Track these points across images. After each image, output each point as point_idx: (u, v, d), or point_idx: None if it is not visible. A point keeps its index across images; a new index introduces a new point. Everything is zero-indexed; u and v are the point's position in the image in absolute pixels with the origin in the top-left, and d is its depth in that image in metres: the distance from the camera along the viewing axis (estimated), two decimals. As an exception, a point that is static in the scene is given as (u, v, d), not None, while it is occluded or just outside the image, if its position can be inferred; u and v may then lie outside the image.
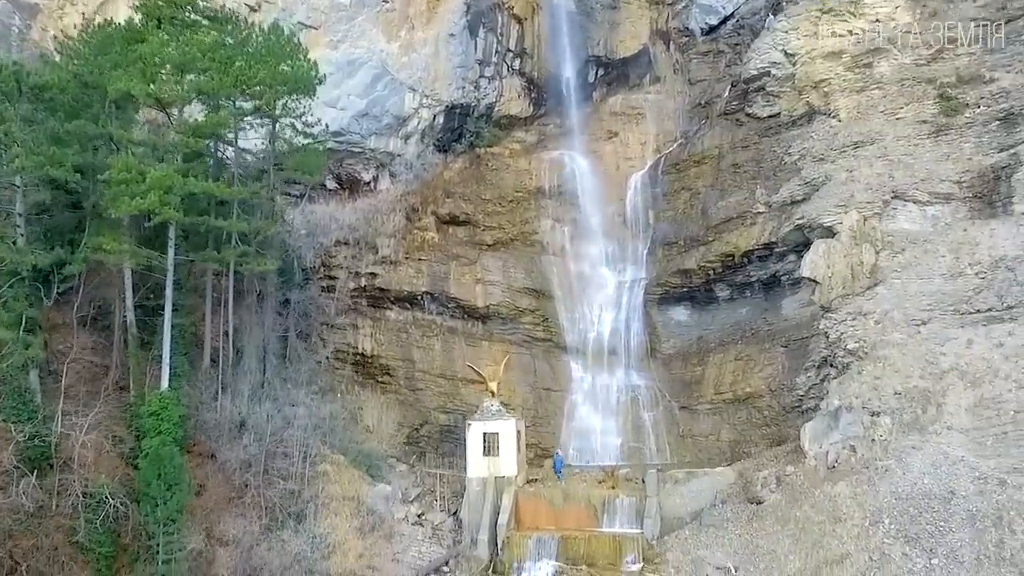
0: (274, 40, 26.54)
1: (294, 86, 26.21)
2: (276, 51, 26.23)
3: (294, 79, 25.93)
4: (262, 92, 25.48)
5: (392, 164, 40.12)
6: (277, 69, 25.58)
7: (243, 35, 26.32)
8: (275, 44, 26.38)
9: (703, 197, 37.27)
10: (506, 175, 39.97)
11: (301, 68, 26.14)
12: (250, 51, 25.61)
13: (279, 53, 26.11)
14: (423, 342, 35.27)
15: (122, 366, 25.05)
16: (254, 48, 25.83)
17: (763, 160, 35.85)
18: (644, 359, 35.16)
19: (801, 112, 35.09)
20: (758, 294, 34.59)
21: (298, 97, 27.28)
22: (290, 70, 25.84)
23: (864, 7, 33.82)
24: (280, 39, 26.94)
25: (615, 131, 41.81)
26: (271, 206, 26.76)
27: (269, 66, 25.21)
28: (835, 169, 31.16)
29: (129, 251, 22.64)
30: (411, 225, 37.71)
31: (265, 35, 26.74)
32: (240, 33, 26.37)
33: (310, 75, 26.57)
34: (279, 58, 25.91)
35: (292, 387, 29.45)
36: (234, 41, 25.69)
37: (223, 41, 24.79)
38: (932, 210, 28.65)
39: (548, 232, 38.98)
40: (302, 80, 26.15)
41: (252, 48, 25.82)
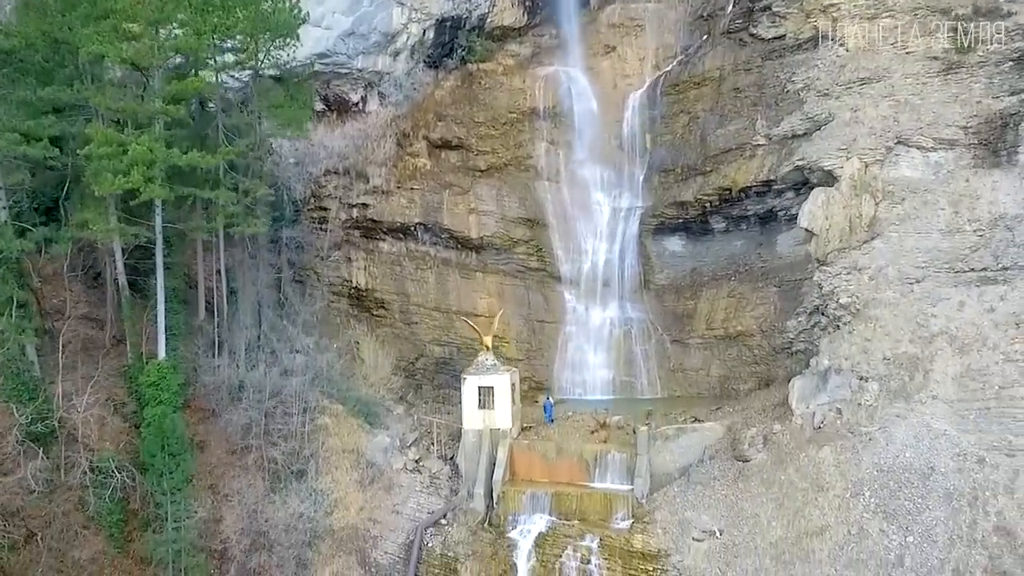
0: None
1: (277, 31, 24.75)
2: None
3: (276, 24, 24.45)
4: (244, 42, 24.10)
5: (381, 83, 38.72)
6: (258, 12, 24.05)
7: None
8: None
9: (702, 122, 36.30)
10: (500, 94, 38.65)
11: (283, 10, 24.58)
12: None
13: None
14: (417, 275, 35.24)
15: (118, 323, 25.05)
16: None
17: (765, 86, 34.70)
18: (638, 291, 35.34)
19: (807, 36, 33.64)
20: (754, 227, 34.41)
21: (282, 41, 25.77)
22: (271, 12, 24.28)
23: (880, -76, 31.66)
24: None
25: (613, 45, 40.08)
26: (259, 164, 25.89)
27: (249, 11, 23.70)
28: (839, 107, 30.21)
29: (116, 228, 22.15)
30: (402, 151, 36.82)
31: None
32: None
33: (293, 18, 25.02)
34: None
35: (289, 336, 29.61)
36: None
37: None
38: (936, 156, 28.05)
39: (543, 156, 38.18)
40: (285, 24, 24.67)
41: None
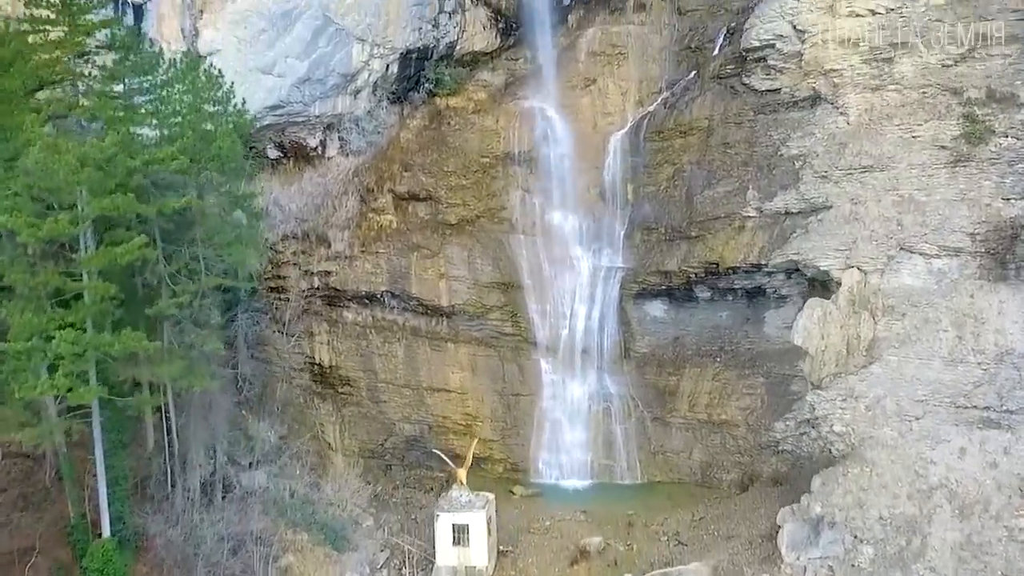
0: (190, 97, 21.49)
1: (221, 165, 21.72)
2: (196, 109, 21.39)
3: (220, 156, 21.40)
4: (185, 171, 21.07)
5: (341, 125, 35.51)
6: (201, 146, 20.98)
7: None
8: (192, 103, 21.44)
9: (688, 177, 33.94)
10: (470, 136, 35.74)
11: (228, 139, 21.45)
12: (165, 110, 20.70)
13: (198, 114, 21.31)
14: (384, 349, 33.17)
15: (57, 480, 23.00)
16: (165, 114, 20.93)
17: (757, 143, 32.39)
18: (618, 361, 33.68)
19: (805, 95, 31.15)
20: (741, 300, 32.75)
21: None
22: (217, 143, 21.18)
23: (891, -20, 28.75)
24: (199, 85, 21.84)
25: (592, 77, 37.02)
26: (208, 315, 23.21)
27: (189, 142, 20.62)
28: (838, 194, 28.16)
29: (47, 429, 19.71)
30: (366, 208, 34.10)
31: (181, 82, 21.60)
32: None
33: (237, 148, 21.91)
34: (198, 119, 21.17)
35: (249, 436, 27.71)
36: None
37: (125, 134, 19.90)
38: (939, 263, 26.34)
39: (517, 206, 35.66)
40: (229, 156, 21.60)
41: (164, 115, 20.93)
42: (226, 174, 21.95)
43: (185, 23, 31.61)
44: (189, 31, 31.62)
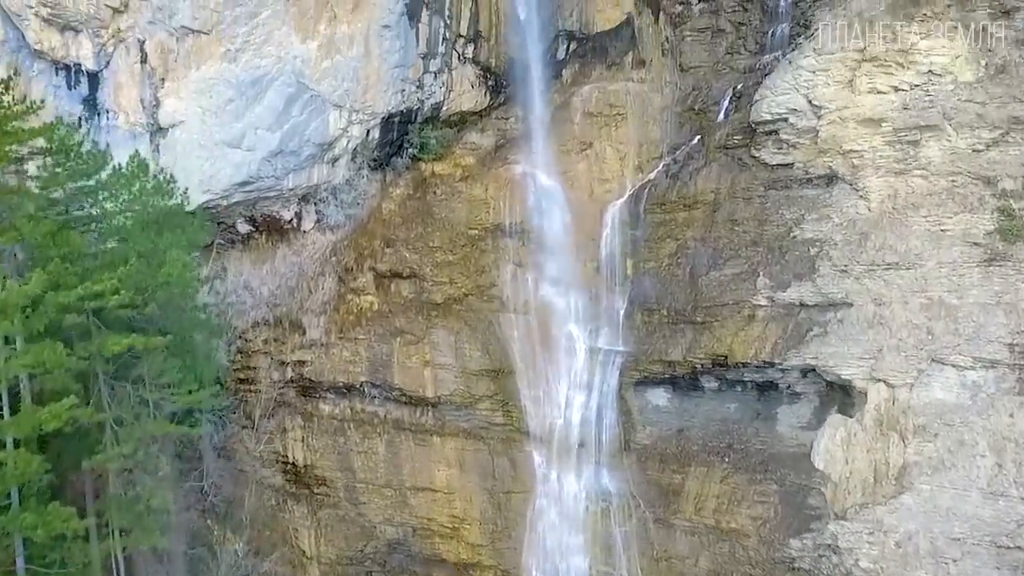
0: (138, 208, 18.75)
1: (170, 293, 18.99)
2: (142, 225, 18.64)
3: (169, 284, 18.66)
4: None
5: (318, 195, 32.82)
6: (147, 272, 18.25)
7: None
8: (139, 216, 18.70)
9: (692, 255, 31.39)
10: (458, 206, 33.09)
11: (178, 263, 18.71)
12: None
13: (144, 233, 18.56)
14: (364, 445, 30.54)
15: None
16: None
17: (767, 222, 29.88)
18: (617, 454, 31.10)
19: (820, 173, 28.62)
20: (750, 392, 30.20)
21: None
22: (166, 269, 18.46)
23: (915, 55, 26.35)
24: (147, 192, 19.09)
25: (589, 141, 34.38)
26: (157, 464, 20.45)
27: (132, 269, 17.89)
28: (860, 292, 25.65)
29: None
30: (344, 289, 31.43)
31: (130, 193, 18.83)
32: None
33: (189, 274, 19.19)
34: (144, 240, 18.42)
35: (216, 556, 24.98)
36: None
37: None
38: (973, 376, 23.89)
39: (509, 282, 33.04)
40: (179, 283, 18.88)
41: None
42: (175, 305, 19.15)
43: (145, 92, 28.97)
44: (149, 101, 28.99)
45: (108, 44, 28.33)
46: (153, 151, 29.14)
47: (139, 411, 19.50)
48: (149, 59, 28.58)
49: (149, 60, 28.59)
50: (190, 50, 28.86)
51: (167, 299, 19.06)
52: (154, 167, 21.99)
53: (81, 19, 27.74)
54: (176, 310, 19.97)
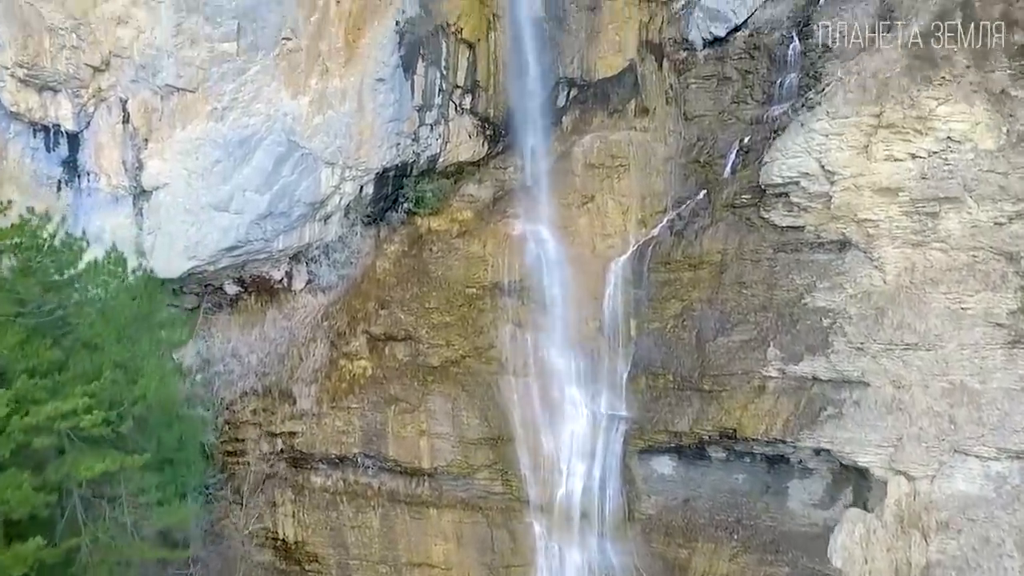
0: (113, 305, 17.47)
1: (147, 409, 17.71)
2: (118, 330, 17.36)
3: (146, 398, 17.39)
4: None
5: (309, 254, 31.50)
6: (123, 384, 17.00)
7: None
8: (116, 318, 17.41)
9: (698, 317, 30.23)
10: (455, 263, 31.94)
11: (156, 375, 17.45)
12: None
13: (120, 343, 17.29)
14: (357, 519, 29.31)
15: None
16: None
17: (777, 287, 28.75)
18: (620, 525, 29.94)
19: (833, 239, 27.46)
20: (759, 464, 29.02)
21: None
22: (144, 381, 17.21)
23: (934, 121, 25.17)
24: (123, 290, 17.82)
25: (590, 194, 33.18)
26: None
27: (106, 382, 16.62)
28: (877, 373, 24.50)
29: None
30: (337, 354, 30.16)
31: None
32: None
33: (171, 388, 17.92)
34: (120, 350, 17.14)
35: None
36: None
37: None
38: (998, 467, 22.81)
39: (508, 343, 31.83)
40: (158, 398, 17.61)
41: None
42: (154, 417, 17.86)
43: (127, 154, 27.71)
44: (132, 163, 27.74)
45: (88, 104, 27.07)
46: (136, 215, 27.92)
47: (116, 533, 18.25)
48: (132, 119, 27.33)
49: (132, 120, 27.33)
50: (175, 109, 27.60)
51: (145, 413, 17.76)
52: (134, 262, 20.56)
53: (60, 79, 26.50)
54: (155, 423, 18.68)
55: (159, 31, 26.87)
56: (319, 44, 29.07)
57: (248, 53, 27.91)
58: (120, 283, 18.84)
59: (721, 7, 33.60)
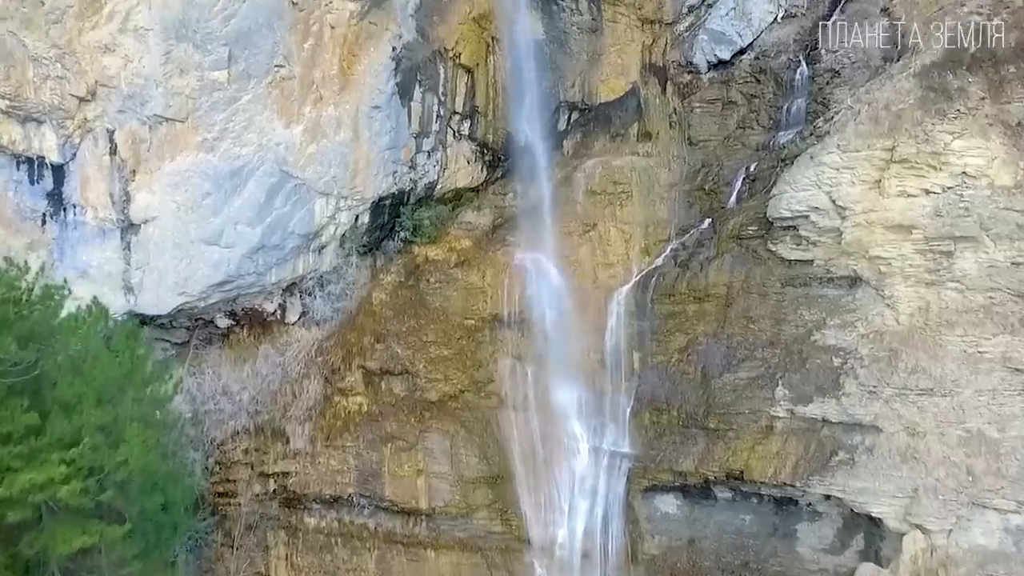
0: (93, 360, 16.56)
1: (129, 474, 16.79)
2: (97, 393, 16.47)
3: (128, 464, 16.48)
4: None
5: (303, 286, 30.60)
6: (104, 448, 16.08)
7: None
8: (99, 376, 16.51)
9: (704, 352, 29.37)
10: (453, 294, 31.08)
11: (139, 439, 16.54)
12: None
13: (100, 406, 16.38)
14: (353, 562, 28.56)
15: None
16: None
17: (785, 322, 27.90)
18: (623, 567, 29.09)
19: (844, 274, 26.57)
20: (767, 505, 28.15)
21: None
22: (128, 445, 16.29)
23: (949, 156, 24.30)
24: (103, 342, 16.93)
25: (592, 221, 32.29)
26: None
27: (86, 448, 15.72)
28: (890, 418, 23.69)
29: None
30: (331, 390, 29.31)
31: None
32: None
33: (152, 460, 16.97)
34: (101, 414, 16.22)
35: None
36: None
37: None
38: (1018, 520, 21.94)
39: (507, 377, 30.96)
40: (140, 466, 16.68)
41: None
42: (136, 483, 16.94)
43: (115, 186, 26.82)
44: (119, 196, 26.84)
45: (74, 135, 26.16)
46: (124, 249, 27.06)
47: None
48: (119, 150, 26.43)
49: (119, 151, 26.43)
50: (164, 140, 26.71)
51: (128, 478, 16.86)
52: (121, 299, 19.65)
53: (44, 110, 25.61)
54: (138, 488, 17.76)
55: (147, 59, 25.91)
56: (313, 71, 28.16)
57: (239, 81, 26.98)
58: (101, 338, 17.87)
59: (726, 29, 32.75)
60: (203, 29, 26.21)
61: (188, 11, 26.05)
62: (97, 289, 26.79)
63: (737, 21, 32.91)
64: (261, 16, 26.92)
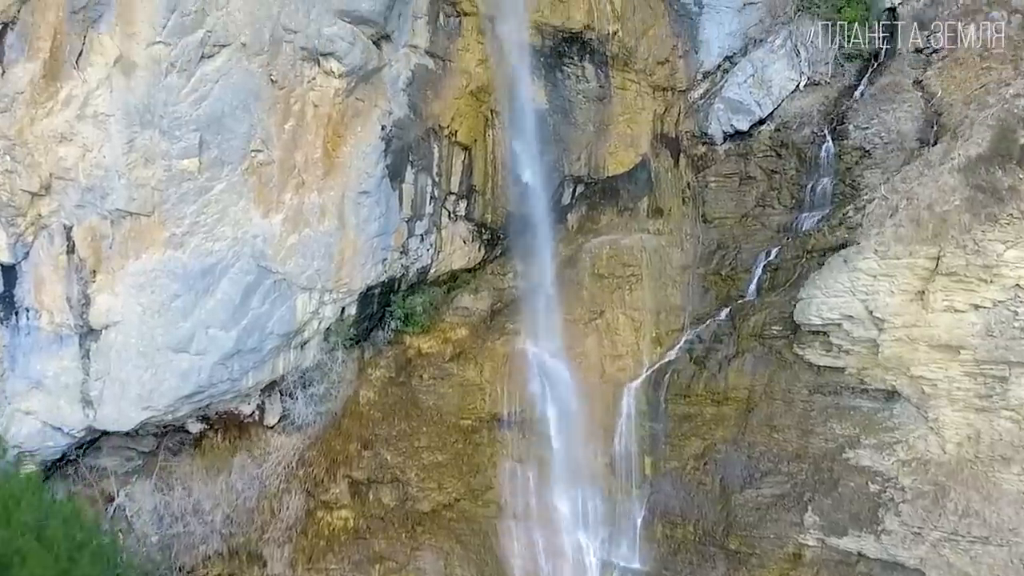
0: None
1: None
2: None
3: None
4: None
5: (283, 385, 27.83)
6: None
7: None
8: None
9: (723, 461, 26.97)
10: (447, 392, 28.56)
11: None
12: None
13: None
14: None
15: None
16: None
17: (813, 434, 25.48)
18: None
19: (878, 387, 23.99)
20: (794, 631, 25.46)
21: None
22: None
23: (1001, 267, 21.76)
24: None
25: (599, 308, 29.76)
26: None
27: None
28: (939, 567, 21.47)
29: None
30: (314, 503, 26.72)
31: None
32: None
33: None
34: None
35: None
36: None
37: None
38: None
39: (507, 483, 28.50)
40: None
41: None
42: None
43: (72, 288, 24.07)
44: (78, 299, 24.14)
45: (27, 233, 23.44)
46: (83, 358, 24.34)
47: None
48: (77, 248, 23.72)
49: (77, 249, 23.73)
50: (127, 236, 24.02)
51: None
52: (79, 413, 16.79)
53: (-9, 207, 22.72)
54: None
55: (108, 149, 23.23)
56: (294, 155, 25.50)
57: (212, 169, 24.30)
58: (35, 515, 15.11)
59: (744, 98, 30.26)
60: (171, 114, 23.52)
61: (154, 94, 23.33)
62: (52, 402, 24.46)
63: (756, 89, 30.36)
64: (236, 97, 24.23)
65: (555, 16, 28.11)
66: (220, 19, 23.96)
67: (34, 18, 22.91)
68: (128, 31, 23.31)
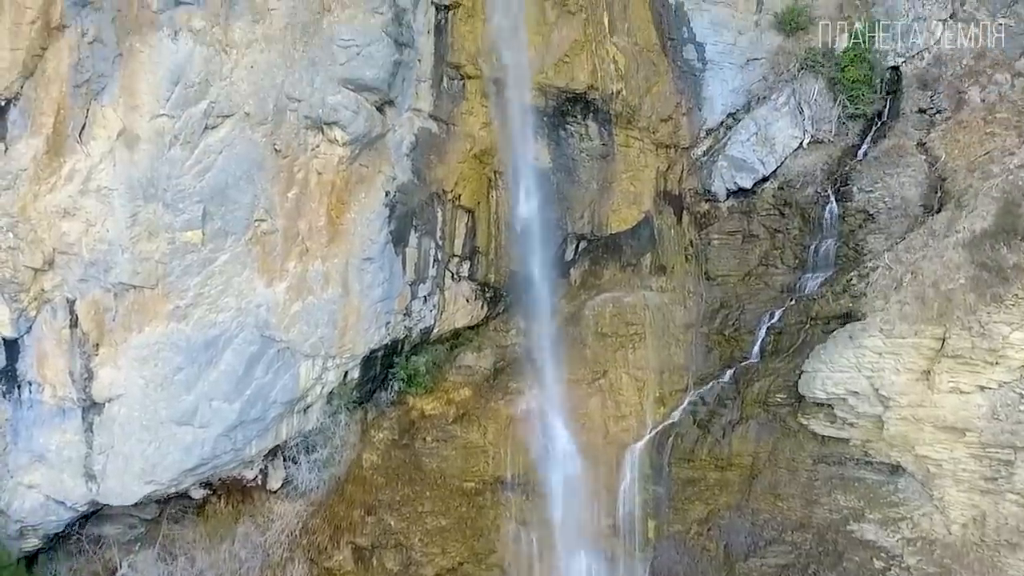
0: None
1: None
2: None
3: None
4: None
5: (286, 450, 27.76)
6: None
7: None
8: None
9: (726, 528, 27.03)
10: (451, 455, 28.52)
11: None
12: None
13: None
14: None
15: None
16: None
17: (817, 504, 25.48)
18: None
19: (882, 461, 24.03)
20: None
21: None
22: None
23: (1007, 349, 21.74)
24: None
25: (602, 368, 29.67)
26: None
27: None
28: (944, 648, 20.95)
29: None
30: (318, 570, 26.61)
31: None
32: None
33: None
34: None
35: None
36: None
37: None
38: None
39: (511, 546, 28.36)
40: None
41: None
42: None
43: (75, 362, 23.99)
44: (80, 372, 24.05)
45: (29, 308, 23.36)
46: (86, 431, 24.32)
47: None
48: (80, 322, 23.64)
49: (80, 323, 23.65)
50: (130, 309, 23.93)
51: None
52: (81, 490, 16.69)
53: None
54: None
55: (111, 223, 23.15)
56: (298, 223, 25.44)
57: (215, 241, 24.22)
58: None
59: (748, 156, 30.23)
60: (174, 186, 23.46)
61: (157, 167, 23.26)
62: (55, 476, 24.35)
63: (759, 147, 30.34)
64: (240, 167, 24.16)
65: (559, 77, 27.97)
66: (224, 89, 23.86)
67: (37, 93, 22.82)
68: (131, 103, 23.20)
